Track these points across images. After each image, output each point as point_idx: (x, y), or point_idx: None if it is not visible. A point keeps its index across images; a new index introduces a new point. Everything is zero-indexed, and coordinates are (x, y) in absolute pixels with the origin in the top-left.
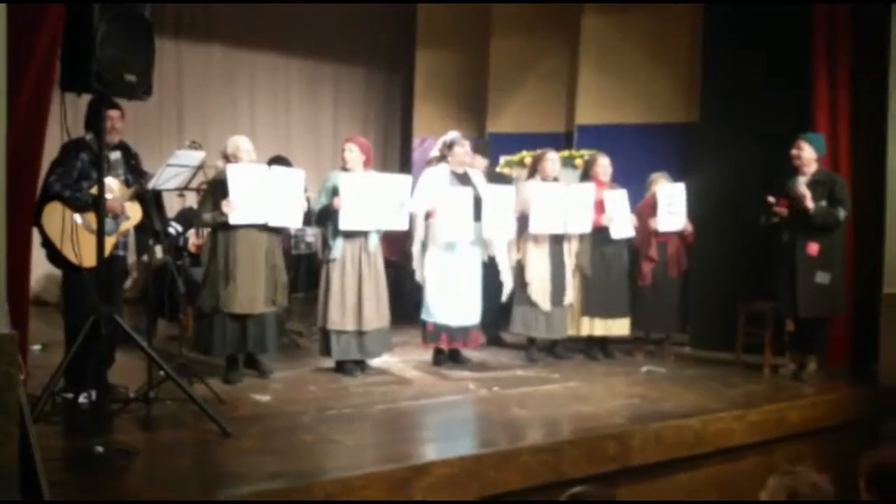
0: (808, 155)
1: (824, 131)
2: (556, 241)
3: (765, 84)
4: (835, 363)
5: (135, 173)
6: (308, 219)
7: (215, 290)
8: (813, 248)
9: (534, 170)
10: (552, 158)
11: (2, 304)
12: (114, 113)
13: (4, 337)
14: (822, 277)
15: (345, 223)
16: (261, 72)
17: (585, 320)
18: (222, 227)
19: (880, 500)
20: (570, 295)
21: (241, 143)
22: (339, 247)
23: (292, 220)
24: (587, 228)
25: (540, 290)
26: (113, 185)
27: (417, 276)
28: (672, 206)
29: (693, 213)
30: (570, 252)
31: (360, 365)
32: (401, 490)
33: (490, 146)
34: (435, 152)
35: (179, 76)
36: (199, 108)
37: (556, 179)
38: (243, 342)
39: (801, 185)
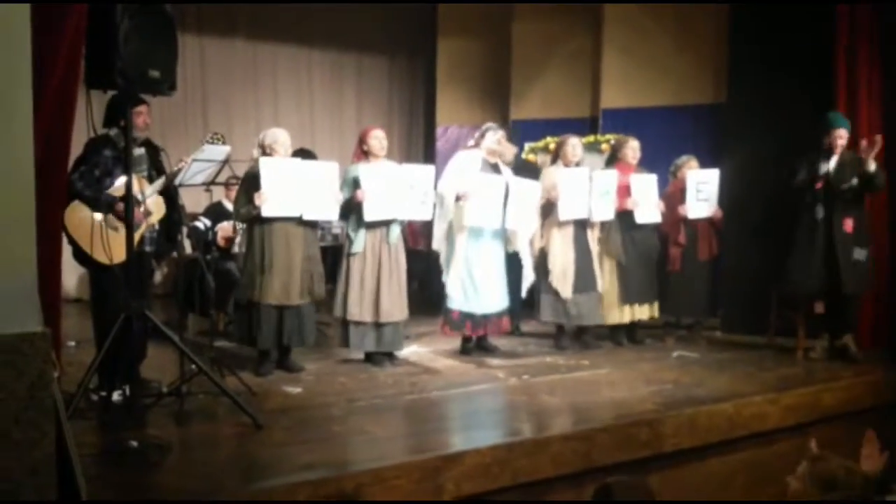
0: (846, 141)
1: (841, 108)
2: (581, 227)
3: (791, 64)
4: (871, 344)
5: (159, 169)
6: None
7: (252, 282)
8: (848, 224)
9: (556, 156)
10: (574, 144)
11: (34, 301)
12: (142, 108)
13: (37, 335)
14: (858, 254)
15: (369, 214)
16: (283, 64)
17: (625, 308)
18: (257, 220)
19: None
20: (601, 282)
21: (279, 135)
22: (360, 240)
23: (328, 213)
24: (610, 215)
25: (561, 277)
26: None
27: (441, 258)
28: (702, 192)
29: (722, 195)
30: (594, 239)
31: (389, 356)
32: (432, 479)
33: (517, 134)
34: (470, 142)
35: (203, 71)
36: (223, 102)
37: (578, 164)
38: (281, 334)
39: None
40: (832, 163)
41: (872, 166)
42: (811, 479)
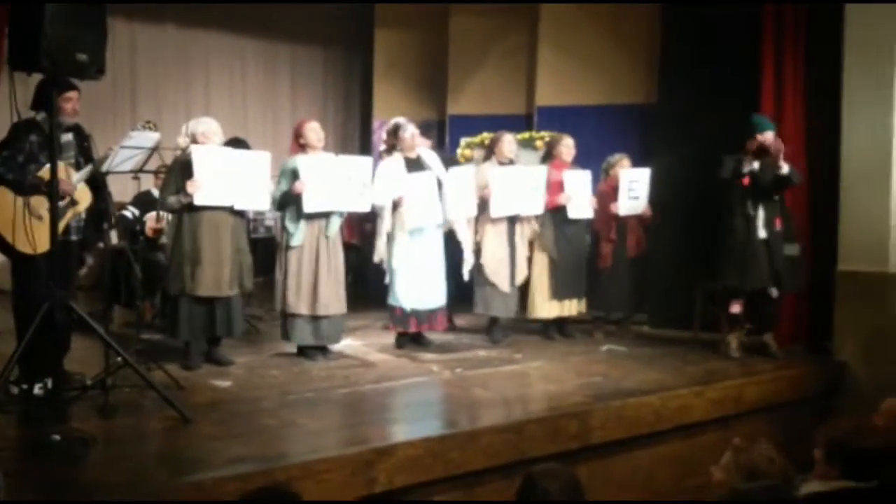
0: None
1: (767, 110)
2: (511, 223)
3: (720, 65)
4: (791, 341)
5: (86, 156)
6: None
7: (181, 273)
8: (778, 221)
9: (490, 151)
10: (508, 140)
11: None
12: (73, 94)
13: None
14: (790, 249)
15: (308, 205)
16: (215, 52)
17: (554, 303)
18: (187, 209)
19: (840, 471)
20: (521, 276)
21: (211, 124)
22: (300, 232)
23: (258, 203)
24: (539, 210)
25: (498, 271)
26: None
27: (384, 265)
28: (634, 190)
29: (651, 193)
30: (521, 234)
31: (322, 350)
32: (364, 472)
33: (433, 129)
34: (382, 145)
35: (132, 56)
36: (152, 89)
37: (512, 161)
38: (211, 325)
39: (778, 140)
40: (756, 163)
41: (785, 168)
42: (735, 468)
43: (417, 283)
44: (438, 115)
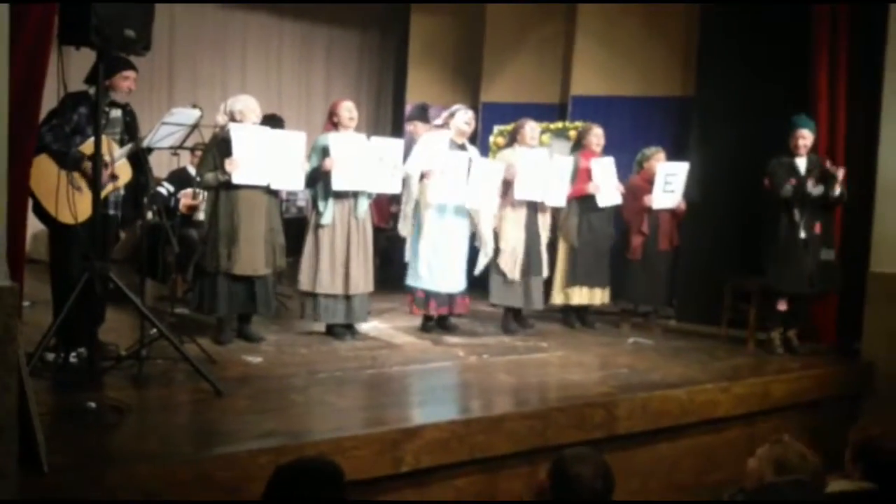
0: (810, 142)
1: (822, 113)
2: (533, 211)
3: (761, 59)
4: (822, 340)
5: (131, 134)
6: None
7: (217, 251)
8: (818, 225)
9: (513, 138)
10: (532, 126)
11: (1, 256)
12: (131, 73)
13: (4, 289)
14: (826, 254)
15: (337, 183)
16: (253, 32)
17: (573, 289)
18: (224, 187)
19: (861, 472)
20: (547, 268)
21: (249, 102)
22: (329, 210)
23: (294, 183)
24: (562, 203)
25: (510, 259)
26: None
27: (407, 236)
28: (670, 184)
29: (685, 188)
30: (544, 224)
31: (350, 329)
32: (391, 452)
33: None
34: (439, 121)
35: (171, 34)
36: (190, 68)
37: (531, 147)
38: (247, 303)
39: (839, 170)
40: (801, 167)
41: (838, 190)
42: (767, 460)
43: (438, 265)
44: (471, 102)
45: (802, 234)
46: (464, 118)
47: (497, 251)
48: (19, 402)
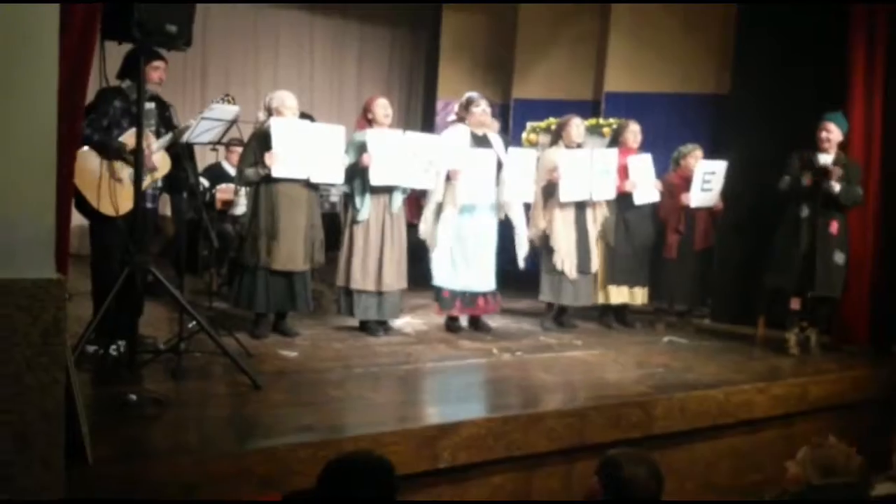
0: (835, 137)
1: (858, 113)
2: (581, 208)
3: (798, 58)
4: (856, 342)
5: (167, 125)
6: None
7: (257, 246)
8: (834, 226)
9: (557, 136)
10: (577, 124)
11: (50, 248)
12: (160, 63)
13: (52, 281)
14: (839, 257)
15: (375, 178)
16: (285, 29)
17: (610, 288)
18: (265, 181)
19: None
20: (596, 263)
21: (286, 98)
22: (366, 206)
23: (333, 176)
24: (611, 195)
25: (567, 258)
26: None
27: (427, 240)
28: (709, 182)
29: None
30: (594, 219)
31: (383, 325)
32: (429, 447)
33: (497, 112)
34: (452, 116)
35: (204, 30)
36: (222, 64)
37: (579, 146)
38: (286, 298)
39: (832, 165)
40: (821, 162)
41: (836, 188)
42: (811, 463)
43: (463, 265)
44: (503, 98)
45: (810, 234)
46: (481, 106)
47: (550, 251)
48: (66, 394)
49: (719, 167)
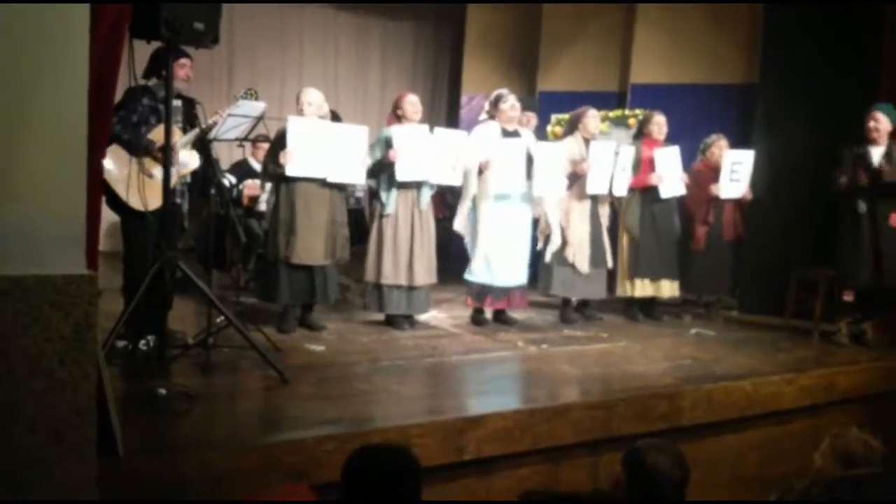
0: (884, 126)
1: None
2: (595, 202)
3: (828, 50)
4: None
5: (192, 122)
6: None
7: (277, 241)
8: (893, 219)
9: (573, 127)
10: (593, 115)
11: (81, 244)
12: (186, 61)
13: (84, 277)
14: None
15: (401, 174)
16: (309, 25)
17: (636, 281)
18: (283, 179)
19: None
20: (608, 257)
21: (311, 95)
22: (392, 200)
23: (354, 177)
24: (624, 192)
25: (580, 251)
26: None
27: (465, 233)
28: (736, 172)
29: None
30: (603, 213)
31: (409, 319)
32: (455, 440)
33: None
34: (483, 115)
35: (230, 28)
36: (248, 62)
37: (594, 137)
38: (308, 291)
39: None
40: (877, 156)
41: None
42: (832, 454)
43: (497, 259)
44: (528, 91)
45: (871, 228)
46: (509, 102)
47: (564, 243)
48: (97, 388)
49: (746, 157)
